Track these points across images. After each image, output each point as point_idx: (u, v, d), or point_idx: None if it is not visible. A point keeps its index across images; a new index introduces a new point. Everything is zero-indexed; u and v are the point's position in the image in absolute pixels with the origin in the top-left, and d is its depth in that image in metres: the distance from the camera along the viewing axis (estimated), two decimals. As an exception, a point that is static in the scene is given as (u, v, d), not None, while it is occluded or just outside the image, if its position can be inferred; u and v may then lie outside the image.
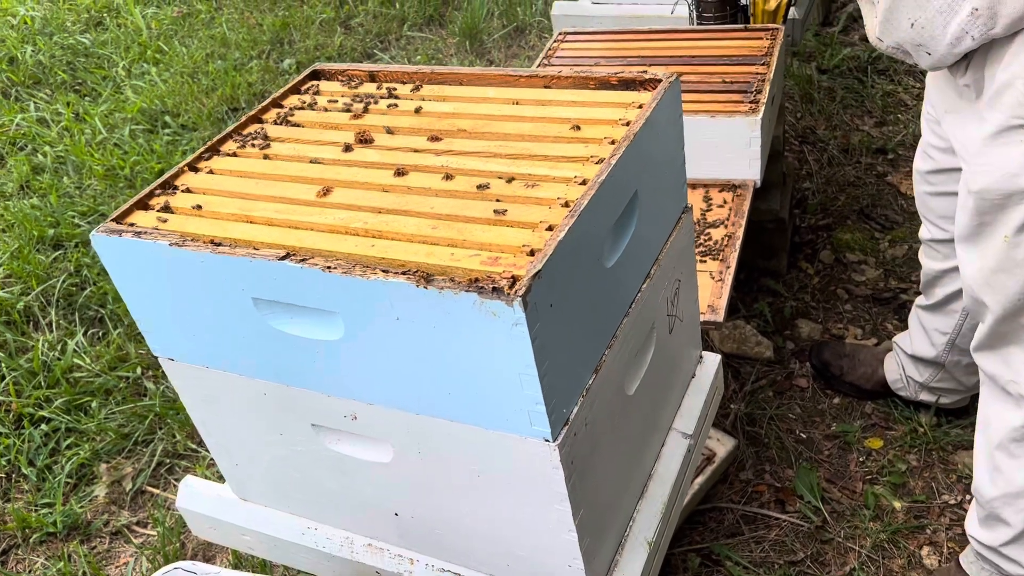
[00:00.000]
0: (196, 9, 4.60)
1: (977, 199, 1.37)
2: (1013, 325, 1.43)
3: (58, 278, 2.79)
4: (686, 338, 1.40)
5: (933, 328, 1.91)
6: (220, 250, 1.02)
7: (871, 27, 1.45)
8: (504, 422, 0.99)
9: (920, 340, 1.96)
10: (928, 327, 1.93)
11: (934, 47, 1.32)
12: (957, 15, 1.25)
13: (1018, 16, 1.20)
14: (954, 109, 1.45)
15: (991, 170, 1.33)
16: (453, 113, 1.23)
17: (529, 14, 4.16)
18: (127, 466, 2.23)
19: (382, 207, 1.05)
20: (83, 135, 3.59)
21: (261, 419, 1.21)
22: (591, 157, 1.07)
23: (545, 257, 0.89)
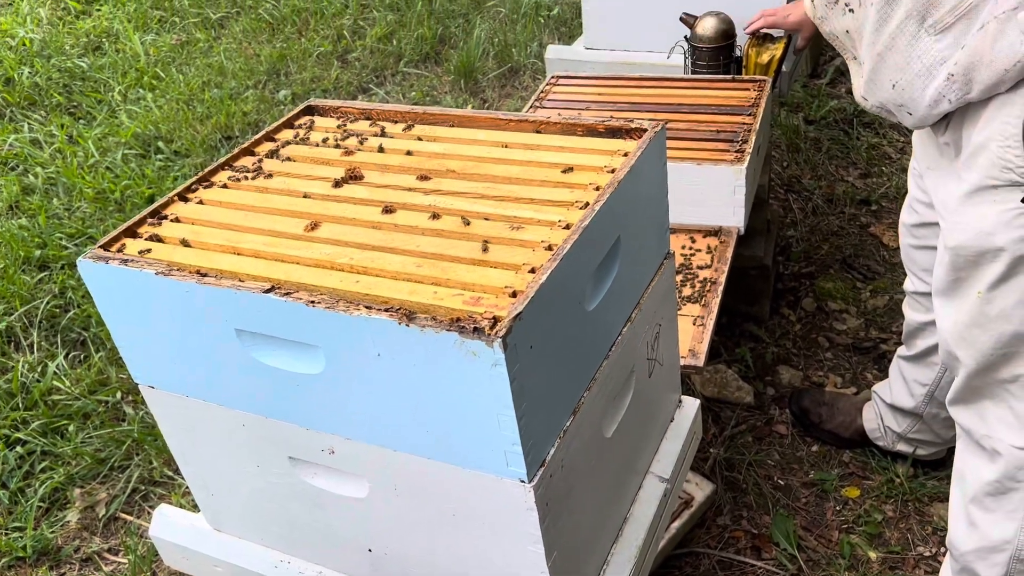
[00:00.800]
0: (195, 37, 4.65)
1: (953, 255, 1.40)
2: (987, 380, 1.45)
3: (42, 299, 2.78)
4: (666, 382, 1.41)
5: (913, 379, 1.94)
6: (206, 281, 1.02)
7: (857, 86, 1.50)
8: (481, 461, 0.99)
9: (900, 390, 1.98)
10: (908, 378, 1.95)
11: (914, 108, 1.36)
12: (935, 79, 1.30)
13: (991, 83, 1.24)
14: (935, 166, 1.49)
15: (966, 227, 1.36)
16: (443, 154, 1.26)
17: (524, 56, 4.23)
18: (101, 492, 2.21)
19: (368, 244, 1.06)
20: (75, 157, 3.60)
21: (239, 450, 1.21)
22: (576, 202, 1.09)
23: (527, 299, 0.91)
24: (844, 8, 1.42)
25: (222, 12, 4.91)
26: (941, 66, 1.28)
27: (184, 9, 4.92)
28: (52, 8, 4.95)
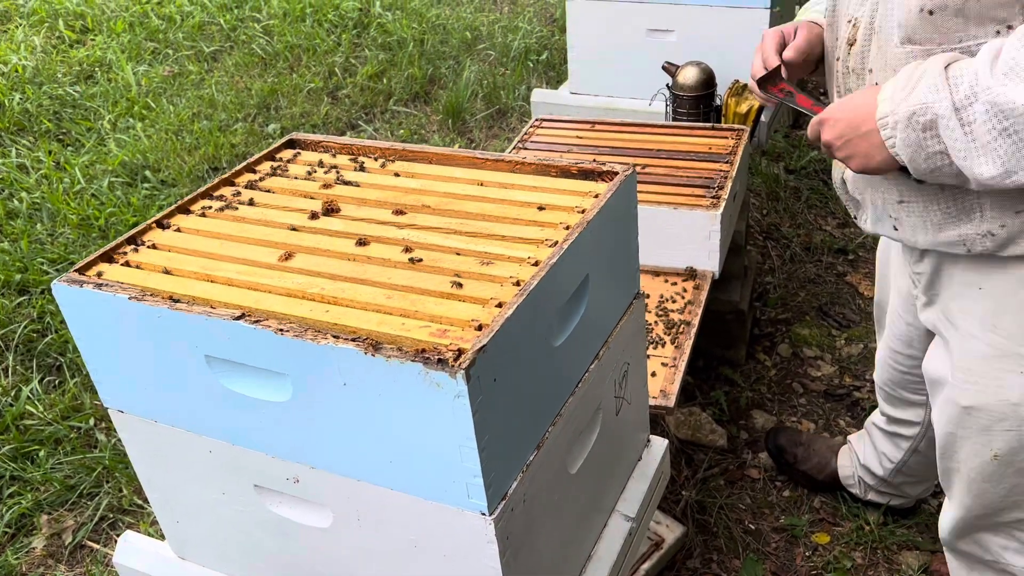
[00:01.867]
0: (187, 70, 4.70)
1: (964, 414, 1.36)
2: (990, 521, 1.46)
3: (20, 323, 2.77)
4: (634, 421, 1.43)
5: (882, 451, 1.95)
6: (177, 306, 1.04)
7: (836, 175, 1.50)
8: (442, 493, 1.00)
9: (870, 454, 2.00)
10: (878, 448, 1.97)
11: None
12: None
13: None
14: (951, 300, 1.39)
15: (985, 390, 1.32)
16: (420, 189, 1.28)
17: (511, 98, 4.30)
18: (69, 519, 2.18)
19: (341, 275, 1.08)
20: (61, 184, 3.61)
21: (205, 477, 1.22)
22: (546, 240, 1.11)
23: (492, 332, 0.92)
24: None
25: (215, 46, 4.97)
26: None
27: (178, 42, 4.98)
28: (47, 36, 5.00)
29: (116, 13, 5.25)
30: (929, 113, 1.10)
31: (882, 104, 1.16)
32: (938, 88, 1.09)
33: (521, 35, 4.83)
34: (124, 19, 5.16)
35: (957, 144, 1.09)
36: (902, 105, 1.13)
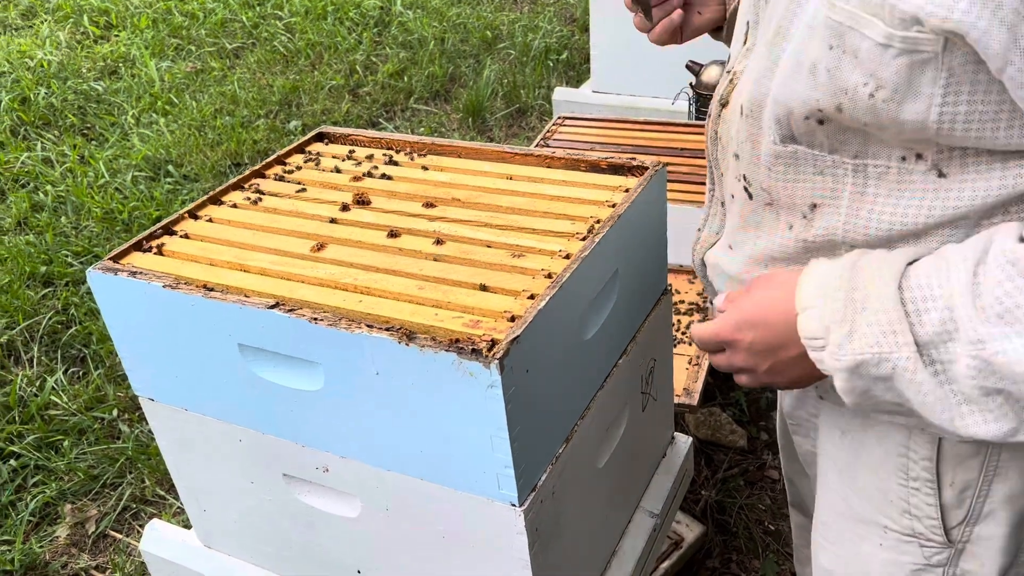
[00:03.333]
0: (210, 66, 4.73)
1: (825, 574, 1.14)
2: None
3: (45, 315, 2.80)
4: (659, 418, 1.43)
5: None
6: (212, 295, 1.05)
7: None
8: (473, 484, 1.01)
9: None
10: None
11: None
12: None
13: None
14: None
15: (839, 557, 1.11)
16: (449, 183, 1.29)
17: (532, 97, 4.31)
18: (92, 508, 2.20)
19: (373, 265, 1.09)
20: (86, 177, 3.65)
21: (234, 465, 1.22)
22: (576, 234, 1.11)
23: (525, 324, 0.93)
24: None
25: (238, 43, 5.01)
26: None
27: (201, 38, 5.02)
28: (71, 32, 5.05)
29: (140, 9, 5.30)
30: (884, 366, 0.81)
31: (808, 320, 0.86)
32: (894, 328, 0.80)
33: (541, 34, 4.84)
34: (148, 15, 5.20)
35: (927, 399, 0.80)
36: (843, 349, 0.82)
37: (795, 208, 0.94)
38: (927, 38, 0.74)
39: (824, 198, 0.91)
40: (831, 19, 0.80)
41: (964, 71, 0.75)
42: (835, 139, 0.87)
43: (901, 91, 0.78)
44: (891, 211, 0.87)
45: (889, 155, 0.85)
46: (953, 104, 0.77)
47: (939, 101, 0.77)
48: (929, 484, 0.98)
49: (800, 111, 0.86)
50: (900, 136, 0.83)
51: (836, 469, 1.08)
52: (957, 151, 0.82)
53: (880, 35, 0.76)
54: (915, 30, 0.75)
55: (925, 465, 0.98)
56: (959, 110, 0.77)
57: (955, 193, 0.83)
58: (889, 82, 0.78)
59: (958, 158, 0.83)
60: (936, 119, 0.78)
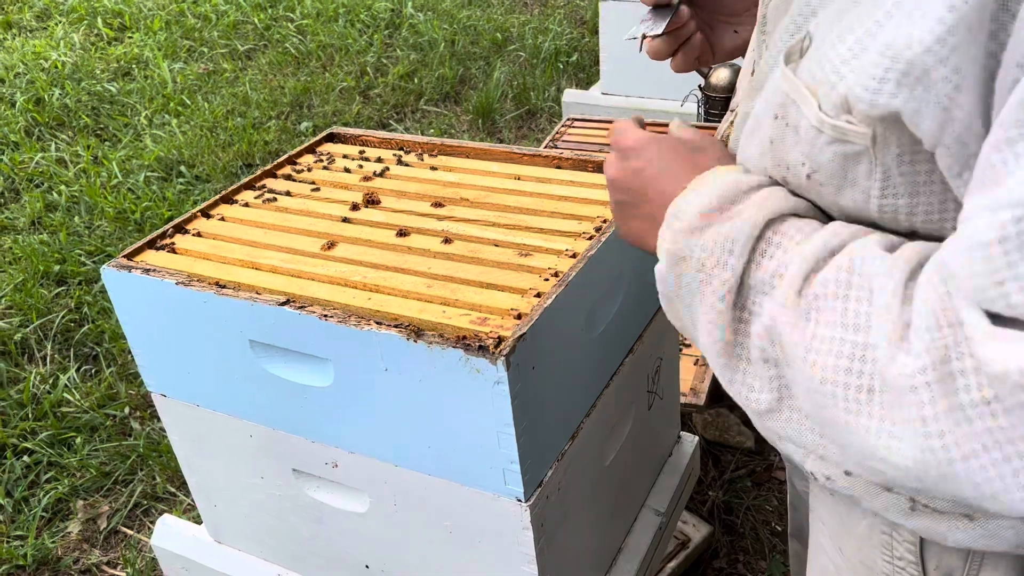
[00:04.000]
0: (222, 68, 4.77)
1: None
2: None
3: (58, 313, 2.83)
4: (665, 416, 1.44)
5: None
6: (224, 292, 1.07)
7: None
8: (479, 479, 1.02)
9: None
10: None
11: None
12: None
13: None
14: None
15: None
16: (458, 183, 1.30)
17: (541, 99, 4.32)
18: (104, 504, 2.23)
19: (382, 264, 1.10)
20: (99, 178, 3.68)
21: (245, 461, 1.24)
22: (583, 233, 1.13)
23: (531, 321, 0.94)
24: None
25: (250, 44, 5.04)
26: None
27: (213, 40, 5.06)
28: (85, 34, 5.09)
29: (153, 11, 5.34)
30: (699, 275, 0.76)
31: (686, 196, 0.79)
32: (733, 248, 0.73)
33: (551, 36, 4.85)
34: (161, 17, 5.24)
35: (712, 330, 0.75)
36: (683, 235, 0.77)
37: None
38: (856, 131, 0.68)
39: None
40: (780, 88, 0.74)
41: (899, 167, 0.69)
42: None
43: (837, 179, 0.72)
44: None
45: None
46: (893, 197, 0.70)
47: (877, 194, 0.71)
48: (913, 565, 0.91)
49: (758, 169, 0.81)
50: (846, 217, 0.75)
51: (827, 533, 1.02)
52: (908, 237, 0.74)
53: (813, 118, 0.70)
54: (844, 119, 0.68)
55: (908, 547, 0.90)
56: (900, 203, 0.71)
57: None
58: (824, 168, 0.72)
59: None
60: (877, 210, 0.72)
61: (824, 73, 0.69)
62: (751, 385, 0.74)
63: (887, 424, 0.63)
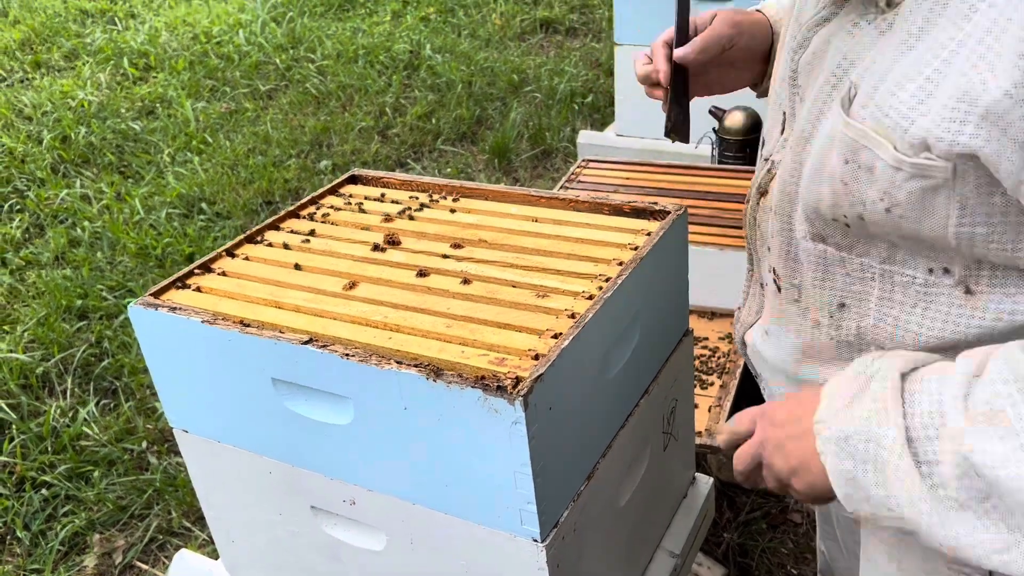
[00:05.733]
0: (243, 107, 4.86)
1: None
2: None
3: (79, 347, 2.87)
4: (680, 458, 1.44)
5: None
6: (248, 330, 1.09)
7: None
8: (495, 519, 1.03)
9: None
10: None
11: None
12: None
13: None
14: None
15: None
16: (476, 224, 1.33)
17: (556, 139, 4.38)
18: (120, 539, 2.24)
19: (402, 304, 1.13)
20: (122, 214, 3.75)
21: (264, 497, 1.26)
22: (599, 275, 1.15)
23: (549, 362, 0.96)
24: None
25: (271, 84, 5.14)
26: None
27: (235, 80, 5.16)
28: (111, 74, 5.22)
29: (178, 52, 5.47)
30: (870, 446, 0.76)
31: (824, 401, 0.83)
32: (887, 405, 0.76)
33: (567, 78, 4.93)
34: (185, 58, 5.36)
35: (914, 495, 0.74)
36: (836, 418, 0.80)
37: (823, 306, 0.94)
38: (937, 165, 0.74)
39: (853, 299, 0.92)
40: (846, 135, 0.81)
41: (978, 196, 0.74)
42: (863, 243, 0.87)
43: (916, 211, 0.78)
44: (917, 321, 0.87)
45: (916, 265, 0.85)
46: (970, 225, 0.76)
47: (955, 222, 0.77)
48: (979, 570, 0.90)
49: (827, 214, 0.87)
50: (923, 246, 0.82)
51: (884, 549, 1.03)
52: (986, 268, 0.81)
53: (890, 158, 0.76)
54: (924, 156, 0.74)
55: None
56: (977, 231, 0.76)
57: (980, 312, 0.82)
58: (903, 202, 0.78)
59: (987, 276, 0.81)
60: (954, 236, 0.77)
61: (892, 120, 0.76)
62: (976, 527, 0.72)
63: None
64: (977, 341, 0.83)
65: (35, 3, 6.18)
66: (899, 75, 0.76)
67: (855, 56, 0.84)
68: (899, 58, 0.77)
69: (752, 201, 1.06)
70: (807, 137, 0.90)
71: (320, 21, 5.97)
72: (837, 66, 0.86)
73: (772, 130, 1.03)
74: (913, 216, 0.78)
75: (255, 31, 5.67)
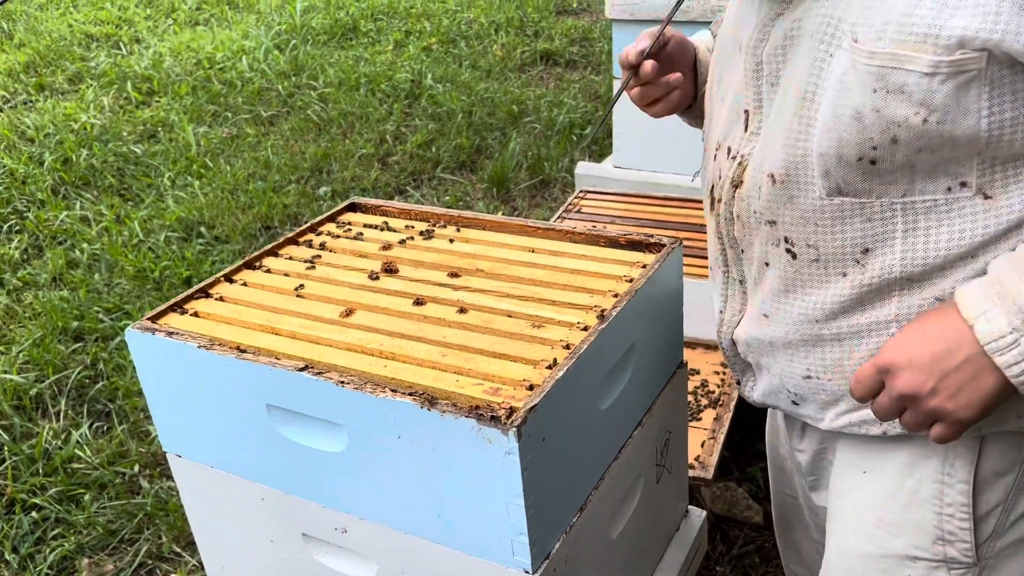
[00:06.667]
0: (245, 132, 4.89)
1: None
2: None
3: (74, 369, 2.87)
4: (673, 490, 1.44)
5: None
6: (244, 356, 1.10)
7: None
8: (487, 550, 1.03)
9: None
10: None
11: None
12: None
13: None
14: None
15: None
16: (474, 254, 1.34)
17: (555, 170, 4.41)
18: (109, 563, 2.22)
19: (398, 332, 1.13)
20: (121, 236, 3.76)
21: (256, 524, 1.25)
22: (595, 307, 1.16)
23: (543, 392, 0.96)
24: None
25: (273, 111, 5.18)
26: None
27: (237, 105, 5.20)
28: (115, 97, 5.26)
29: (181, 77, 5.52)
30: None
31: (988, 322, 0.87)
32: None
33: (566, 110, 4.97)
34: (188, 83, 5.41)
35: None
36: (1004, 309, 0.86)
37: (845, 257, 1.00)
38: (972, 56, 0.85)
39: (876, 241, 0.97)
40: (870, 66, 0.90)
41: (1003, 80, 0.86)
42: (883, 181, 0.94)
43: (952, 112, 0.87)
44: (946, 238, 0.94)
45: (935, 188, 0.93)
46: (999, 112, 0.87)
47: (986, 113, 0.87)
48: (964, 508, 1.03)
49: (852, 155, 0.93)
50: (952, 155, 0.90)
51: (856, 510, 1.10)
52: (999, 171, 0.91)
53: (926, 66, 0.86)
54: (959, 53, 0.85)
55: (961, 488, 1.02)
56: (1005, 117, 0.87)
57: (1004, 209, 0.92)
58: (939, 107, 0.87)
59: (1000, 178, 0.92)
60: (987, 129, 0.87)
61: (918, 33, 0.86)
62: None
63: None
64: (1005, 236, 0.93)
65: (41, 26, 6.25)
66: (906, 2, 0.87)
67: (840, 14, 0.94)
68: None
69: (724, 199, 1.11)
70: (810, 98, 0.97)
71: (323, 49, 6.03)
72: (823, 30, 0.96)
73: (733, 128, 1.11)
74: (949, 119, 0.87)
75: (258, 58, 5.72)
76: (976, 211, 0.93)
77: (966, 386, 0.88)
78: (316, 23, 6.37)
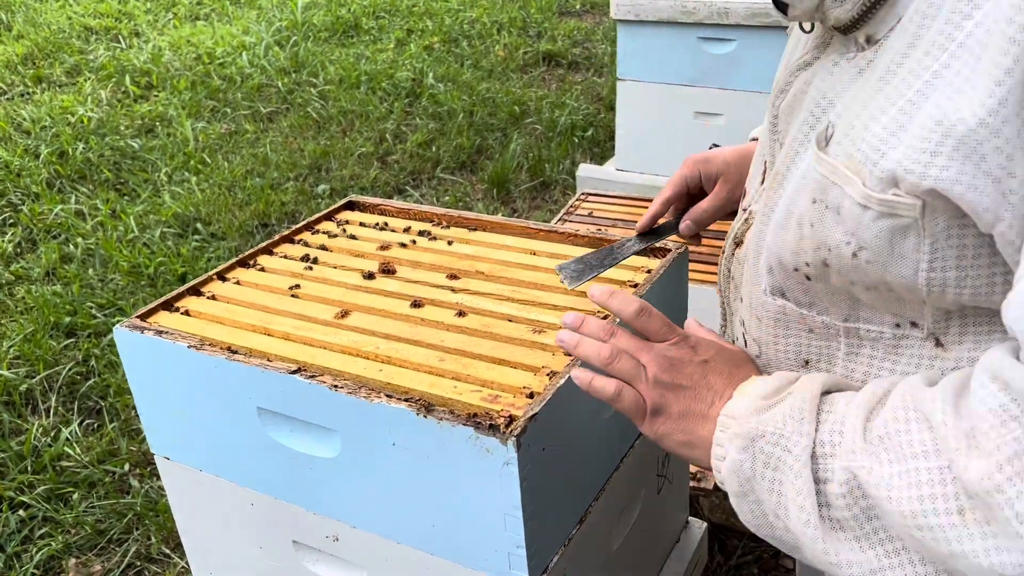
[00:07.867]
0: (243, 128, 4.86)
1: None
2: None
3: (65, 365, 2.82)
4: (674, 501, 1.41)
5: None
6: (235, 357, 1.06)
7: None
8: (483, 561, 0.99)
9: None
10: None
11: None
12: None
13: None
14: None
15: None
16: (473, 255, 1.31)
17: (556, 171, 4.37)
18: (96, 563, 2.18)
19: (395, 335, 1.10)
20: (116, 231, 3.72)
21: (245, 529, 1.22)
22: (598, 312, 1.12)
23: (543, 401, 0.93)
24: None
25: (272, 107, 5.14)
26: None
27: (236, 101, 5.16)
28: (113, 91, 5.21)
29: (180, 72, 5.48)
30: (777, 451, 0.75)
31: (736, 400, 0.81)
32: (804, 416, 0.75)
33: (568, 111, 4.94)
34: (187, 78, 5.37)
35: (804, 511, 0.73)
36: (752, 418, 0.78)
37: (784, 364, 0.90)
38: (905, 203, 0.69)
39: (817, 356, 0.88)
40: (816, 171, 0.77)
41: (948, 237, 0.70)
42: (824, 299, 0.83)
43: (884, 254, 0.73)
44: (888, 373, 0.82)
45: (881, 321, 0.81)
46: (941, 270, 0.72)
47: (926, 267, 0.72)
48: None
49: (789, 263, 0.83)
50: (894, 296, 0.77)
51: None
52: (955, 318, 0.77)
53: (858, 195, 0.72)
54: (892, 193, 0.69)
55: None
56: (948, 276, 0.72)
57: (952, 362, 0.78)
58: (871, 244, 0.73)
59: (956, 326, 0.77)
60: (925, 283, 0.73)
61: (863, 152, 0.71)
62: (852, 548, 0.71)
63: (990, 540, 0.63)
64: None
65: (40, 18, 6.20)
66: (875, 108, 0.72)
67: (834, 95, 0.80)
68: (875, 94, 0.73)
69: (727, 252, 1.01)
70: (781, 180, 0.86)
71: (324, 46, 5.99)
72: (816, 105, 0.83)
73: (753, 180, 1.00)
74: (880, 261, 0.74)
75: (258, 54, 5.68)
76: (924, 355, 0.80)
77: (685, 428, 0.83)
78: (317, 20, 6.34)
